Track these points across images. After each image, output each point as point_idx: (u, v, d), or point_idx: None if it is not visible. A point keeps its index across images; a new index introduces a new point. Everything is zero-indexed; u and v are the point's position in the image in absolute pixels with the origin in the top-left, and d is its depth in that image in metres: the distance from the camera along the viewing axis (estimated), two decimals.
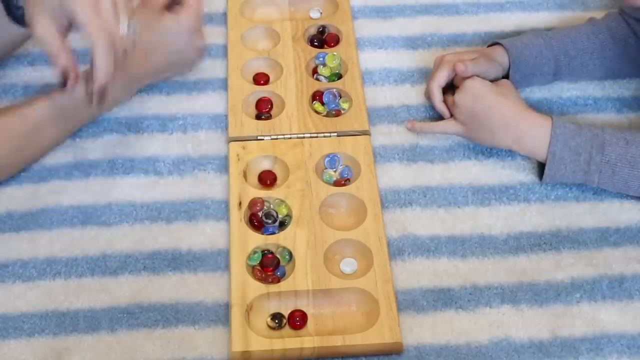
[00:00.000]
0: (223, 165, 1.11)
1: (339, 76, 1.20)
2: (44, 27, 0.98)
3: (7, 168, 1.06)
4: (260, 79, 1.20)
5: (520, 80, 1.16)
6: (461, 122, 1.10)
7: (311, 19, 1.28)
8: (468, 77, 1.10)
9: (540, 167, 1.08)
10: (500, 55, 1.15)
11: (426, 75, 1.21)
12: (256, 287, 0.97)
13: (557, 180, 1.06)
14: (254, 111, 1.17)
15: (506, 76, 1.17)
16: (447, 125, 1.12)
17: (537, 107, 1.18)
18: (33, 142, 1.07)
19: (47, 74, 1.15)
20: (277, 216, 1.04)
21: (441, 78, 1.13)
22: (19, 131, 1.04)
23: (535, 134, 1.05)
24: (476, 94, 1.08)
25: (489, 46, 1.19)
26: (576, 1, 1.33)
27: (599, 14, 1.21)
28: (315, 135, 1.12)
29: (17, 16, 1.04)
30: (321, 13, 1.29)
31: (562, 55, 1.16)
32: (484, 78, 1.10)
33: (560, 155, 1.04)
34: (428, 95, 1.16)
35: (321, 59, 1.21)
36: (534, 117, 1.06)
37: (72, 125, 1.11)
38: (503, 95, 1.08)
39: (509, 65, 1.15)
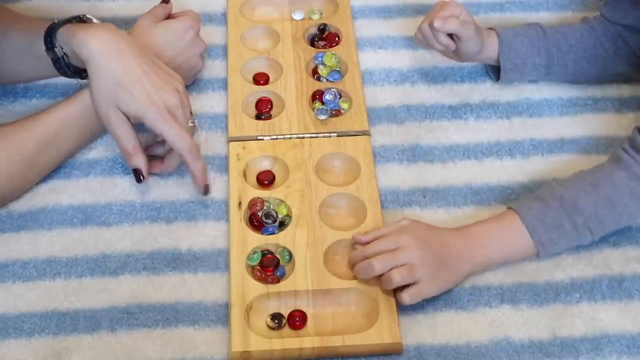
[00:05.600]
0: (223, 165, 1.11)
1: (340, 73, 1.20)
2: (119, 126, 1.01)
3: (19, 184, 1.04)
4: (260, 79, 1.20)
5: (512, 69, 1.15)
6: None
7: (311, 19, 1.28)
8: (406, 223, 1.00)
9: None
10: (490, 40, 1.15)
11: (426, 75, 1.22)
12: (256, 287, 0.97)
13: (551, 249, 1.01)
14: (254, 111, 1.17)
15: (497, 67, 1.17)
16: None
17: (537, 107, 1.18)
18: (45, 157, 1.04)
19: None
20: (277, 216, 1.04)
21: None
22: (30, 147, 1.02)
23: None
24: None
25: None
26: (576, 1, 1.33)
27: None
28: (315, 135, 1.12)
29: (61, 67, 1.05)
30: (321, 14, 1.29)
31: (554, 49, 1.15)
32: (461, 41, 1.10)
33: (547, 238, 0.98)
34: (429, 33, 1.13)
35: (320, 58, 1.21)
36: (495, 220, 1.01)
37: (84, 138, 1.09)
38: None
39: (498, 53, 1.15)
